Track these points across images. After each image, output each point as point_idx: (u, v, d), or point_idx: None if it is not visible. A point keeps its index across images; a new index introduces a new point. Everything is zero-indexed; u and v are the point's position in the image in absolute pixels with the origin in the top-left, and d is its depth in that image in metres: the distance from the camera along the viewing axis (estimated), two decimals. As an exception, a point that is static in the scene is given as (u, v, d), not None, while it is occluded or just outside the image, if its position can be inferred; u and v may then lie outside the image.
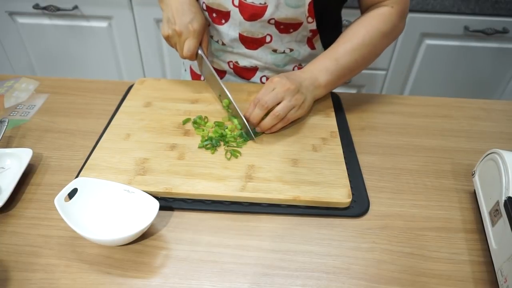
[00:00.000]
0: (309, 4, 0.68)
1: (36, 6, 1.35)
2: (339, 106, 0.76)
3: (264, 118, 0.64)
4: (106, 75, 1.56)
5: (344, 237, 0.52)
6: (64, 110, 0.74)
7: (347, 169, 0.60)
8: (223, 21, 0.74)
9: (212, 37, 0.80)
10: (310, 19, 0.71)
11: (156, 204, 0.51)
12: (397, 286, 0.47)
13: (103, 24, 1.41)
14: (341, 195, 0.55)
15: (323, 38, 0.78)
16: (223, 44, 0.78)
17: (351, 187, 0.58)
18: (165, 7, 0.72)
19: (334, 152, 0.62)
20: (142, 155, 0.61)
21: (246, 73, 0.83)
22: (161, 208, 0.53)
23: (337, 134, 0.66)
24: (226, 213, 0.55)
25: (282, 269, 0.48)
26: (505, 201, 0.47)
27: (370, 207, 0.56)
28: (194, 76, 0.92)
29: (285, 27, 0.73)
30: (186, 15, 0.69)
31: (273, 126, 0.65)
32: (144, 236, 0.51)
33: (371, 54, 0.71)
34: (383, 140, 0.69)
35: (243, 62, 0.80)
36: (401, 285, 0.47)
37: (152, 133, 0.65)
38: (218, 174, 0.58)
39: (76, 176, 0.58)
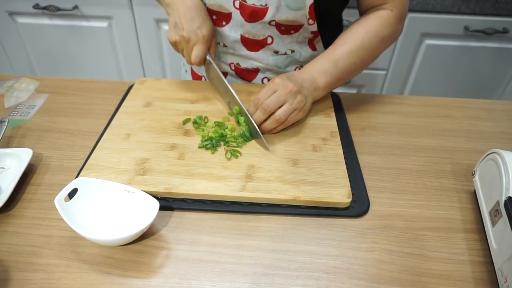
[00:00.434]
0: (310, 6, 0.68)
1: (36, 6, 1.35)
2: (339, 106, 0.76)
3: (266, 120, 0.64)
4: (106, 75, 1.56)
5: (344, 237, 0.52)
6: (64, 110, 0.74)
7: (347, 169, 0.60)
8: (224, 23, 0.74)
9: None
10: (311, 21, 0.71)
11: (156, 204, 0.51)
12: (397, 286, 0.47)
13: (103, 24, 1.41)
14: (341, 195, 0.55)
15: (324, 40, 0.77)
16: (225, 46, 0.78)
17: (351, 187, 0.58)
18: (172, 12, 0.69)
19: (334, 152, 0.62)
20: (142, 155, 0.61)
21: (248, 75, 0.83)
22: (161, 208, 0.53)
23: (337, 134, 0.66)
24: (226, 213, 0.55)
25: (282, 269, 0.48)
26: (505, 201, 0.47)
27: (370, 207, 0.56)
28: (195, 77, 0.92)
29: (286, 29, 0.73)
30: (195, 21, 0.67)
31: (273, 129, 0.65)
32: (144, 236, 0.51)
33: (370, 57, 0.71)
34: (383, 140, 0.69)
35: (245, 64, 0.80)
36: (401, 285, 0.47)
37: (152, 133, 0.65)
38: (218, 174, 0.58)
39: (76, 176, 0.58)
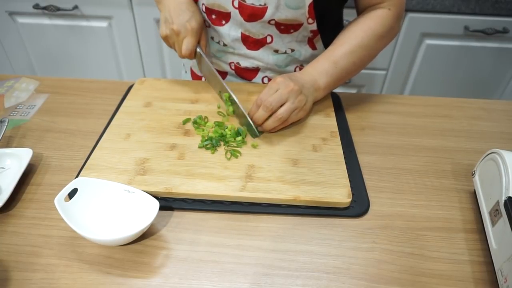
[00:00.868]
0: (309, 6, 0.68)
1: (36, 6, 1.35)
2: (339, 106, 0.76)
3: (267, 119, 0.64)
4: (106, 75, 1.56)
5: (344, 237, 0.52)
6: (64, 110, 0.74)
7: (347, 169, 0.60)
8: (223, 22, 0.74)
9: (213, 39, 0.79)
10: (311, 20, 0.71)
11: (156, 204, 0.51)
12: (397, 286, 0.47)
13: (103, 24, 1.41)
14: (341, 195, 0.55)
15: (324, 38, 0.77)
16: (224, 45, 0.78)
17: (351, 187, 0.58)
18: (163, 8, 0.72)
19: (334, 152, 0.62)
20: (142, 155, 0.61)
21: (248, 74, 0.83)
22: (161, 208, 0.53)
23: (337, 134, 0.66)
24: (226, 213, 0.55)
25: (282, 269, 0.48)
26: (505, 201, 0.47)
27: (370, 207, 0.56)
28: (195, 78, 0.92)
29: (286, 28, 0.73)
30: (184, 14, 0.69)
31: (274, 127, 0.65)
32: (144, 236, 0.51)
33: (369, 56, 0.72)
34: (383, 140, 0.69)
35: (245, 63, 0.80)
36: (401, 285, 0.47)
37: (152, 133, 0.65)
38: (218, 174, 0.58)
39: (76, 176, 0.58)
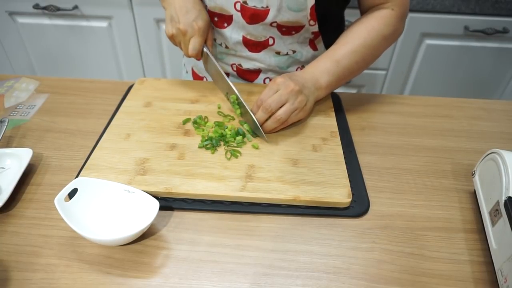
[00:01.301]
0: (311, 8, 0.68)
1: (36, 6, 1.35)
2: (339, 106, 0.76)
3: (267, 120, 0.64)
4: (106, 75, 1.55)
5: (344, 237, 0.52)
6: (64, 110, 0.74)
7: (347, 169, 0.60)
8: (226, 25, 0.74)
9: (215, 40, 0.79)
10: (312, 22, 0.71)
11: (156, 204, 0.51)
12: (397, 286, 0.47)
13: (103, 24, 1.41)
14: (341, 195, 0.55)
15: (326, 40, 0.77)
16: (226, 47, 0.78)
17: (351, 187, 0.58)
18: (168, 6, 0.70)
19: (334, 152, 0.62)
20: (142, 155, 0.61)
21: (250, 75, 0.83)
22: (161, 208, 0.53)
23: (337, 134, 0.66)
24: (226, 213, 0.55)
25: (282, 269, 0.48)
26: (505, 201, 0.47)
27: (370, 207, 0.56)
28: (196, 78, 0.92)
29: (287, 30, 0.72)
30: (190, 13, 0.68)
31: (274, 128, 0.65)
32: (144, 236, 0.51)
33: (371, 56, 0.71)
34: (383, 140, 0.69)
35: (246, 65, 0.80)
36: (401, 285, 0.47)
37: (152, 133, 0.65)
38: (218, 174, 0.58)
39: (76, 176, 0.58)
